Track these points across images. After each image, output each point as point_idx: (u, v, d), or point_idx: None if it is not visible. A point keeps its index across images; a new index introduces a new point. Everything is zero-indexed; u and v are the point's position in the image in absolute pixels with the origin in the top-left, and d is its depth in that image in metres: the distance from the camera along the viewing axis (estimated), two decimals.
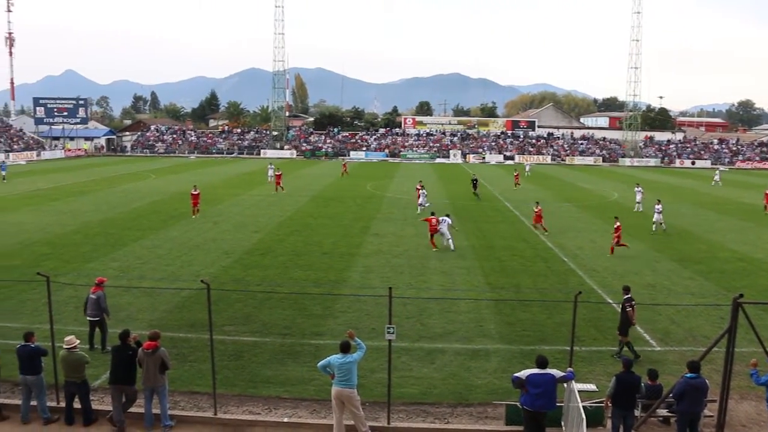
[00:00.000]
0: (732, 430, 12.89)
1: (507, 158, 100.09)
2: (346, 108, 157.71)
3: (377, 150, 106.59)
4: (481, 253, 28.84)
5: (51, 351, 13.26)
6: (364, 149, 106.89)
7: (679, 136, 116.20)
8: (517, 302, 20.85)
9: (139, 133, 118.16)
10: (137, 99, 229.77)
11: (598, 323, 18.97)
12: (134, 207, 41.70)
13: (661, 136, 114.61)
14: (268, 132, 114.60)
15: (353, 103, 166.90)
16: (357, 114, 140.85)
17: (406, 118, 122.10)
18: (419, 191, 42.81)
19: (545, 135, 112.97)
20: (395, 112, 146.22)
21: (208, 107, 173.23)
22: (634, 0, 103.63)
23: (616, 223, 29.81)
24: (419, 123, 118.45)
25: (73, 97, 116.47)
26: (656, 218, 34.82)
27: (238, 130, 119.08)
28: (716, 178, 65.45)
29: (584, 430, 10.70)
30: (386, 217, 38.82)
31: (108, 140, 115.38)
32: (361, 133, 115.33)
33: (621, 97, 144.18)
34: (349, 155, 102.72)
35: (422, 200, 41.32)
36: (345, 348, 12.22)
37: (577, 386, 12.23)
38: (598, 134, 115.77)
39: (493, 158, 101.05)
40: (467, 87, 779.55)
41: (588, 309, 19.45)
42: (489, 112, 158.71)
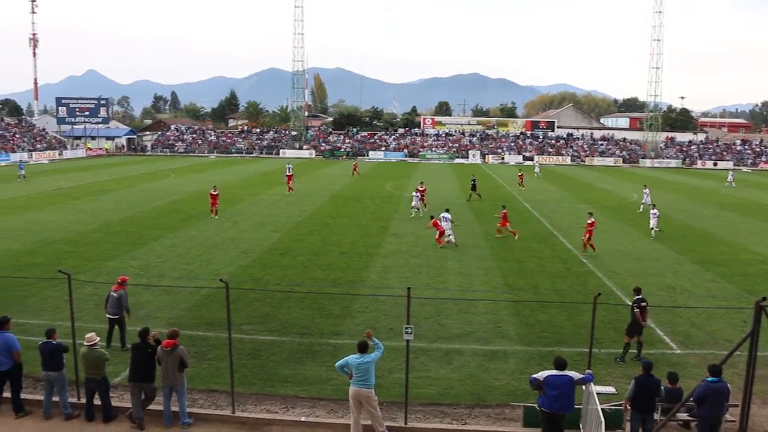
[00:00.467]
0: None
1: (526, 159, 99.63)
2: (365, 108, 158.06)
3: (396, 150, 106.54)
4: (500, 254, 28.74)
5: (72, 348, 13.41)
6: (383, 149, 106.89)
7: (701, 137, 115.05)
8: (536, 303, 20.76)
9: (160, 133, 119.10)
10: (158, 99, 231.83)
11: (617, 325, 18.77)
12: (154, 206, 42.02)
13: (683, 137, 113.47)
14: (288, 132, 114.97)
15: (372, 103, 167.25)
16: (376, 114, 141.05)
17: (425, 118, 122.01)
18: (422, 193, 41.43)
19: (565, 135, 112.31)
20: (414, 112, 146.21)
21: (228, 107, 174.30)
22: None
23: (590, 219, 29.76)
24: (438, 123, 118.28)
25: (95, 97, 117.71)
26: (652, 224, 33.82)
27: (258, 130, 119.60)
28: (729, 179, 64.84)
29: None
30: (405, 218, 38.78)
31: (129, 140, 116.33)
32: (380, 133, 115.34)
33: (642, 98, 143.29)
34: (368, 155, 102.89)
35: (415, 203, 39.64)
36: (363, 348, 12.22)
37: (596, 388, 12.14)
38: (618, 135, 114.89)
39: (513, 159, 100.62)
40: (486, 87, 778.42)
41: (607, 311, 19.30)
42: (508, 113, 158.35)
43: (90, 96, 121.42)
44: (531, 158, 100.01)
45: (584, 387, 12.22)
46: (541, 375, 11.65)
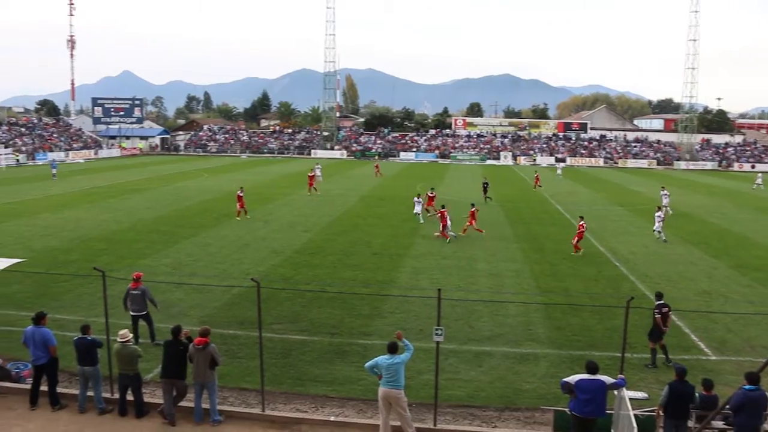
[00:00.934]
0: None
1: (558, 160, 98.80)
2: (397, 109, 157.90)
3: (427, 151, 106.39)
4: (531, 256, 28.54)
5: (106, 344, 13.62)
6: (414, 150, 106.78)
7: (738, 139, 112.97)
8: (567, 306, 20.54)
9: (193, 133, 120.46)
10: (191, 99, 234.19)
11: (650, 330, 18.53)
12: (186, 205, 42.49)
13: (719, 139, 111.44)
14: (319, 132, 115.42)
15: (403, 104, 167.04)
16: (407, 115, 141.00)
17: (457, 119, 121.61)
18: (431, 199, 40.29)
19: (597, 137, 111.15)
20: (445, 113, 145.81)
21: (260, 107, 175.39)
22: None
23: (581, 222, 29.94)
24: (470, 124, 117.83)
25: (130, 98, 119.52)
26: (656, 226, 33.03)
27: (289, 131, 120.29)
28: (758, 182, 63.71)
29: None
30: (436, 218, 38.65)
31: (162, 139, 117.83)
32: (411, 134, 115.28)
33: (677, 99, 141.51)
34: (399, 156, 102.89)
35: (418, 209, 38.06)
36: (392, 349, 12.21)
37: (628, 393, 11.98)
38: (653, 137, 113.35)
39: (544, 160, 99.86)
40: (518, 88, 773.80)
41: (640, 315, 19.00)
42: (540, 114, 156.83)
43: (125, 96, 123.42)
44: (563, 159, 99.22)
45: (616, 392, 12.06)
46: (573, 379, 11.52)
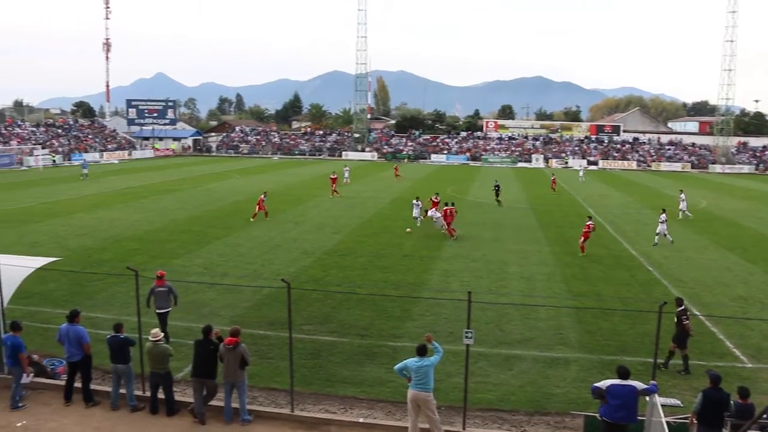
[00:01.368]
0: None
1: (590, 163, 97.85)
2: (428, 111, 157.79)
3: (458, 153, 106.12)
4: (563, 260, 28.29)
5: (138, 342, 13.81)
6: (445, 152, 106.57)
7: None
8: (598, 310, 20.33)
9: (225, 134, 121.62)
10: (223, 101, 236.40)
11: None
12: (218, 206, 42.90)
13: (756, 142, 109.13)
14: (350, 134, 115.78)
15: (434, 106, 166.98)
16: (438, 117, 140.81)
17: (488, 122, 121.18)
18: (434, 204, 37.92)
19: (630, 140, 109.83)
20: (477, 116, 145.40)
21: (292, 109, 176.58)
22: None
23: (588, 222, 29.97)
24: (501, 127, 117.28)
25: (163, 99, 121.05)
26: (659, 229, 32.32)
27: (320, 132, 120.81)
28: None
29: None
30: (466, 221, 38.54)
31: (194, 140, 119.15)
32: (443, 137, 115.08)
33: (713, 101, 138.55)
34: (430, 158, 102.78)
35: (416, 212, 37.20)
36: (422, 351, 12.18)
37: (660, 400, 11.80)
38: (687, 139, 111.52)
39: (576, 163, 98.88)
40: (550, 90, 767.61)
41: (672, 320, 18.77)
42: (572, 116, 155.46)
43: (158, 98, 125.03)
44: (595, 162, 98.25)
45: (648, 398, 11.91)
46: (604, 384, 11.39)
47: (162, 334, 13.70)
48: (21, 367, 13.58)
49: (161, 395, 13.49)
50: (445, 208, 33.77)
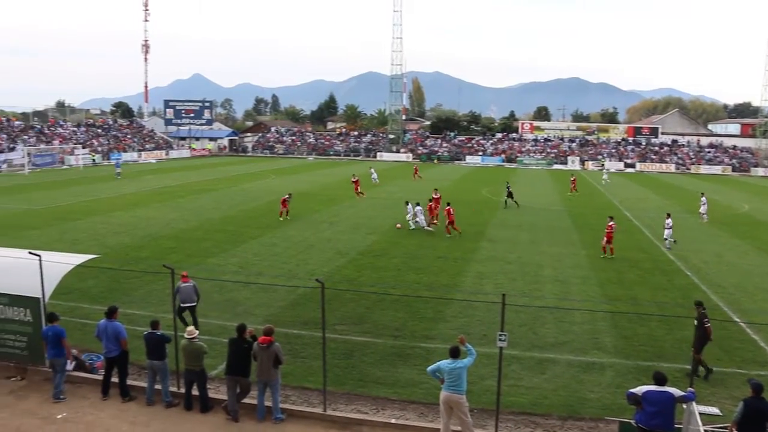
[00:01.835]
0: None
1: (627, 165, 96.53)
2: (463, 112, 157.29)
3: (493, 155, 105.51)
4: (598, 263, 27.97)
5: (174, 339, 14.00)
6: (480, 154, 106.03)
7: None
8: (635, 315, 20.04)
9: (260, 135, 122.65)
10: (259, 101, 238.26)
11: (723, 342, 17.90)
12: (253, 206, 43.27)
13: None
14: (385, 135, 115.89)
15: (470, 108, 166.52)
16: (473, 118, 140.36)
17: (524, 123, 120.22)
18: (435, 201, 38.72)
19: (669, 142, 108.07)
20: (512, 117, 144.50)
21: (327, 110, 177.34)
22: None
23: (610, 222, 29.69)
24: (537, 128, 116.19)
25: (200, 100, 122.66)
26: (666, 233, 31.79)
27: (355, 133, 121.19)
28: None
29: None
30: (501, 223, 38.37)
31: (230, 141, 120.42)
32: (478, 138, 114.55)
33: (755, 103, 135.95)
34: (465, 159, 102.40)
35: (410, 214, 35.69)
36: (455, 353, 12.16)
37: (699, 408, 11.59)
38: (728, 142, 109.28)
39: (613, 165, 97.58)
40: (587, 92, 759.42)
41: (712, 327, 18.44)
42: (609, 118, 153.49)
43: (195, 99, 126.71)
44: (633, 165, 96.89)
45: (685, 405, 11.70)
46: (640, 390, 11.22)
47: (197, 332, 13.87)
48: (64, 357, 13.93)
49: (195, 392, 13.67)
50: (447, 208, 34.25)
